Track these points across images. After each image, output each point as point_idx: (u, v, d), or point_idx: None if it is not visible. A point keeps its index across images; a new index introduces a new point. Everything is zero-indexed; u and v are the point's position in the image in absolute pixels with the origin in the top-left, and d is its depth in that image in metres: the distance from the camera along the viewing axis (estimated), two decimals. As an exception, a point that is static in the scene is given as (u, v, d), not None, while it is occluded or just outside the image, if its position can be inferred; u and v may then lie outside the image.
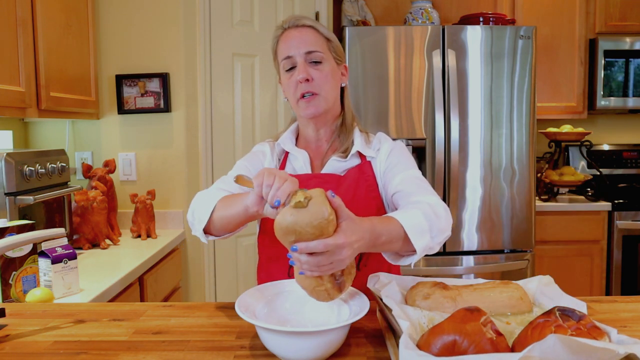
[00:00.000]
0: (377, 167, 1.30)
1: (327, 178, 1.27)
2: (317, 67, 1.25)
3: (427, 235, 1.08)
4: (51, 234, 1.11)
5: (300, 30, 1.26)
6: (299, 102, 1.27)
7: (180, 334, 1.02)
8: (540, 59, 3.08)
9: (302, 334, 0.84)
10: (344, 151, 1.30)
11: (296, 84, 1.24)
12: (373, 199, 1.28)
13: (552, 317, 0.79)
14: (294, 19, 1.28)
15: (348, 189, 1.26)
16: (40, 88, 1.85)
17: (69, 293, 1.48)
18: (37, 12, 1.83)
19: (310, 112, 1.26)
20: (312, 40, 1.25)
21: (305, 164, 1.31)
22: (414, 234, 1.06)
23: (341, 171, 1.29)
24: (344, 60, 1.34)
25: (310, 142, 1.35)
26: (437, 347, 0.77)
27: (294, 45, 1.24)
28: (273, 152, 1.36)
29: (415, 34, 2.56)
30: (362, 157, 1.30)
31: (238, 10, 2.52)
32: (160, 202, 2.40)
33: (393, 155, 1.30)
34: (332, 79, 1.27)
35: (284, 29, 1.28)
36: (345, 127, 1.33)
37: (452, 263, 2.62)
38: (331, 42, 1.28)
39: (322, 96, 1.26)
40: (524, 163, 2.63)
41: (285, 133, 1.36)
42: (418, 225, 1.07)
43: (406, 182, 1.23)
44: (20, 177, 1.72)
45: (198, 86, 2.41)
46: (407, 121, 2.58)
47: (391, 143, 1.34)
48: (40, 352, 0.95)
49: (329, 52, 1.27)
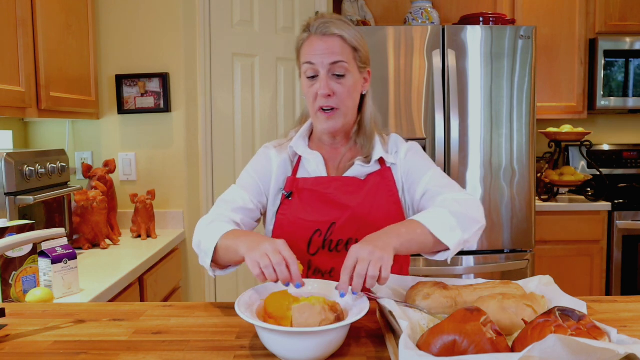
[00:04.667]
0: (397, 174, 1.30)
1: (348, 182, 1.27)
2: (340, 80, 1.21)
3: (457, 230, 1.11)
4: (51, 234, 1.11)
5: (327, 40, 1.20)
6: (317, 113, 1.24)
7: (180, 334, 1.02)
8: (540, 59, 3.08)
9: (302, 334, 0.84)
10: (366, 156, 1.28)
11: (315, 94, 1.22)
12: (393, 204, 1.28)
13: (552, 317, 0.79)
14: (322, 24, 1.21)
15: (369, 193, 1.26)
16: (40, 88, 1.85)
17: (69, 293, 1.48)
18: (37, 12, 1.83)
19: (328, 126, 1.24)
20: (338, 51, 1.20)
21: (319, 166, 1.29)
22: (441, 232, 1.09)
23: (362, 176, 1.28)
24: (369, 64, 1.29)
25: (325, 145, 1.33)
26: (437, 347, 0.77)
27: (318, 54, 1.20)
28: (280, 156, 1.32)
29: (415, 34, 2.56)
30: (382, 163, 1.30)
31: (238, 11, 2.52)
32: (160, 202, 2.40)
33: (411, 159, 1.31)
34: (354, 92, 1.24)
35: (311, 33, 1.23)
36: (363, 132, 1.31)
37: (452, 263, 2.62)
38: (358, 52, 1.23)
39: (342, 112, 1.24)
40: (524, 163, 2.63)
41: (298, 135, 1.33)
42: (445, 223, 1.10)
43: (432, 184, 1.25)
44: (20, 177, 1.72)
45: (198, 86, 2.41)
46: (407, 121, 2.58)
47: (406, 145, 1.33)
48: (40, 352, 0.95)
49: (354, 62, 1.23)
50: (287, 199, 1.27)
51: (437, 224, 1.09)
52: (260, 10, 2.59)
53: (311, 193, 1.26)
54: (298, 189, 1.27)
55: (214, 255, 1.13)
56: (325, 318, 0.87)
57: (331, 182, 1.26)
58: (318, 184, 1.26)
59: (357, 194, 1.25)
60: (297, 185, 1.28)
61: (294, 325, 0.87)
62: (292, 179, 1.28)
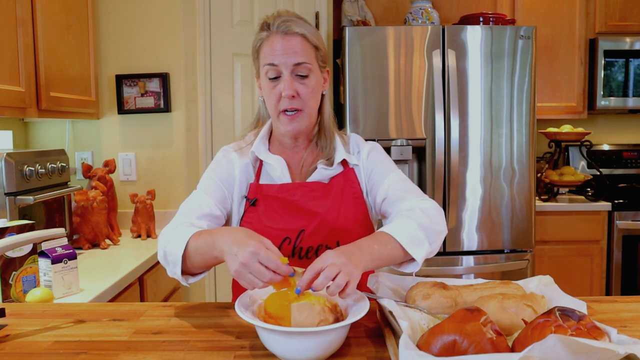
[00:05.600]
0: (360, 174, 1.28)
1: (313, 187, 1.24)
2: (303, 81, 1.18)
3: (425, 244, 1.11)
4: (51, 234, 1.11)
5: (289, 40, 1.16)
6: (280, 116, 1.21)
7: (180, 334, 1.02)
8: (540, 59, 3.08)
9: (302, 334, 0.84)
10: (328, 158, 1.26)
11: (279, 96, 1.18)
12: (359, 206, 1.26)
13: (552, 317, 0.79)
14: (283, 22, 1.17)
15: (335, 197, 1.23)
16: (40, 88, 1.85)
17: (69, 293, 1.48)
18: (37, 12, 1.83)
19: (292, 128, 1.21)
20: (301, 51, 1.16)
21: (283, 172, 1.25)
22: (411, 246, 1.09)
23: (326, 179, 1.26)
24: (328, 64, 1.27)
25: (286, 148, 1.29)
26: (437, 347, 0.77)
27: (281, 54, 1.16)
28: (242, 160, 1.27)
29: (415, 34, 2.56)
30: (345, 165, 1.27)
31: (238, 10, 2.52)
32: (160, 202, 2.40)
33: (373, 159, 1.29)
34: (317, 92, 1.22)
35: (271, 31, 1.18)
36: (323, 134, 1.28)
37: (452, 263, 2.62)
38: (319, 50, 1.21)
39: (306, 113, 1.21)
40: (524, 163, 2.63)
41: (258, 139, 1.28)
42: (414, 237, 1.10)
43: (393, 188, 1.23)
44: (20, 177, 1.72)
45: (198, 86, 2.41)
46: (407, 121, 2.58)
47: (368, 146, 1.31)
48: (40, 352, 0.95)
49: (316, 61, 1.20)
50: (251, 206, 1.23)
51: (407, 238, 1.08)
52: (260, 10, 2.59)
53: (277, 200, 1.22)
54: (263, 196, 1.23)
55: (183, 265, 1.09)
56: (324, 319, 0.87)
57: (297, 188, 1.23)
58: (283, 190, 1.23)
59: (323, 199, 1.22)
60: (261, 192, 1.23)
61: (293, 324, 0.87)
62: (255, 185, 1.24)
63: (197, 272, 1.14)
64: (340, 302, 0.97)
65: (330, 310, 0.89)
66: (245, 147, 1.30)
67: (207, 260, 1.06)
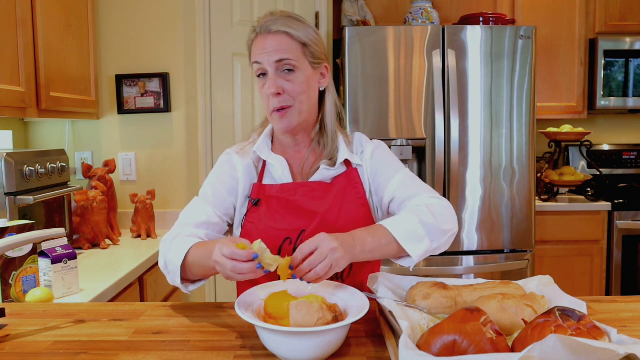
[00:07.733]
0: (364, 175, 1.28)
1: (314, 187, 1.23)
2: (289, 77, 1.17)
3: (425, 241, 1.11)
4: (51, 234, 1.11)
5: (272, 38, 1.17)
6: (272, 114, 1.21)
7: (180, 334, 1.02)
8: (540, 59, 3.08)
9: (302, 334, 0.84)
10: (330, 158, 1.25)
11: (268, 95, 1.19)
12: (361, 207, 1.25)
13: (552, 317, 0.79)
14: (267, 22, 1.18)
15: (336, 197, 1.23)
16: (40, 88, 1.85)
17: (69, 293, 1.48)
18: (37, 12, 1.83)
19: (283, 125, 1.21)
20: (284, 48, 1.16)
21: (284, 172, 1.24)
22: (407, 242, 1.09)
23: (329, 179, 1.25)
24: (325, 60, 1.25)
25: (287, 147, 1.29)
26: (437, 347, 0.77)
27: (264, 53, 1.17)
28: (244, 161, 1.27)
29: (415, 34, 2.56)
30: (348, 165, 1.27)
31: (238, 10, 2.52)
32: (160, 202, 2.40)
33: (378, 159, 1.28)
34: (307, 87, 1.20)
35: (257, 33, 1.20)
36: (325, 132, 1.27)
37: (452, 263, 2.62)
38: (307, 47, 1.19)
39: (296, 108, 1.19)
40: (524, 163, 2.63)
41: (261, 139, 1.28)
42: (413, 232, 1.10)
43: (400, 188, 1.23)
44: (20, 177, 1.72)
45: (198, 86, 2.41)
46: (407, 121, 2.58)
47: (372, 145, 1.30)
48: (40, 352, 0.95)
49: (303, 57, 1.19)
50: (254, 206, 1.24)
51: (404, 233, 1.09)
52: (260, 10, 2.59)
53: (278, 200, 1.22)
54: (265, 196, 1.24)
55: (183, 273, 1.13)
56: (322, 317, 0.87)
57: (298, 188, 1.23)
58: (284, 190, 1.23)
59: (324, 199, 1.22)
60: (263, 192, 1.24)
61: (291, 322, 0.87)
62: (258, 186, 1.25)
63: (197, 279, 1.18)
64: (340, 302, 0.97)
65: (329, 308, 0.89)
66: (247, 147, 1.31)
67: (205, 271, 1.11)
